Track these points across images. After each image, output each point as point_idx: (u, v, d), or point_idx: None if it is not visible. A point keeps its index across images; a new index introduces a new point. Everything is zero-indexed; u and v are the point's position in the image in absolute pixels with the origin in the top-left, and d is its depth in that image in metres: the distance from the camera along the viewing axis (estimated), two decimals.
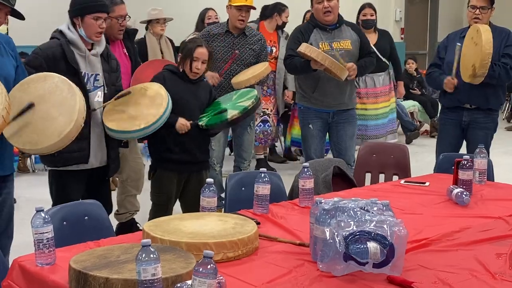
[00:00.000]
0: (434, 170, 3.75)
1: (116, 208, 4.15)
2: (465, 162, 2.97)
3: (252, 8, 4.59)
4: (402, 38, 11.51)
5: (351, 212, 2.06)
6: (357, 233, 1.96)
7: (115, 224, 4.03)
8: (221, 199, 3.88)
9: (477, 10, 4.09)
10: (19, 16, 2.96)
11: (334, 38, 4.36)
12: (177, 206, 3.75)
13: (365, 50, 4.49)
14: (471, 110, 4.22)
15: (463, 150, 4.38)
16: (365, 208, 2.10)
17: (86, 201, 2.70)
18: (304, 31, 4.41)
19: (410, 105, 8.38)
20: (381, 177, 4.04)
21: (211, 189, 2.53)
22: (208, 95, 3.71)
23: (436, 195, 3.01)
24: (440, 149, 4.29)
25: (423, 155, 6.85)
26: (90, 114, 3.16)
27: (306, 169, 2.80)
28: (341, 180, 3.56)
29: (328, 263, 1.97)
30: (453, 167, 3.06)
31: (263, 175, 2.67)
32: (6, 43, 2.92)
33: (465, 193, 2.86)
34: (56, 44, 3.16)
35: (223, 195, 3.59)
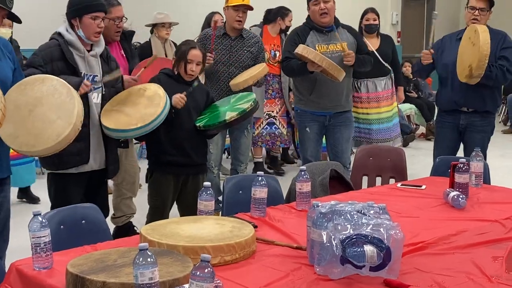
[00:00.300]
0: (430, 173, 3.75)
1: (112, 212, 4.15)
2: (462, 165, 2.97)
3: (249, 9, 4.58)
4: (398, 42, 11.53)
5: (348, 215, 2.06)
6: (354, 237, 1.96)
7: (112, 228, 4.03)
8: (219, 202, 3.88)
9: (477, 12, 4.09)
10: (16, 19, 2.96)
11: (330, 40, 4.37)
12: (174, 209, 3.75)
13: (361, 52, 4.50)
14: (468, 113, 4.23)
15: (460, 153, 4.39)
16: (362, 212, 2.10)
17: (83, 205, 2.69)
18: (300, 33, 4.42)
19: (407, 108, 8.38)
20: (378, 180, 4.04)
21: (208, 192, 2.53)
22: (205, 97, 3.71)
23: (433, 198, 3.02)
24: (437, 152, 4.30)
25: (419, 158, 6.86)
26: (89, 117, 3.16)
27: (303, 172, 2.80)
28: (338, 183, 3.57)
29: (325, 266, 1.98)
30: (449, 170, 3.07)
31: (260, 178, 2.67)
32: (3, 45, 2.91)
33: (461, 196, 2.86)
34: (55, 44, 3.16)
35: (220, 198, 3.59)
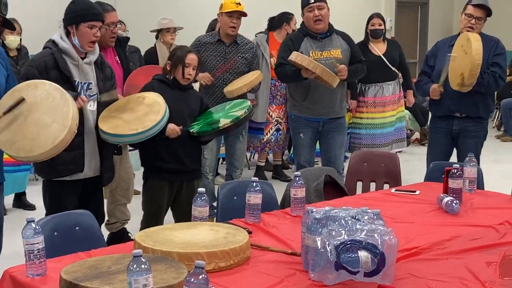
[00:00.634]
0: (424, 178, 3.76)
1: (106, 218, 4.14)
2: (455, 171, 2.98)
3: (243, 15, 4.60)
4: None
5: (342, 221, 2.06)
6: (348, 242, 1.96)
7: (106, 234, 4.02)
8: (213, 208, 3.88)
9: (473, 20, 4.08)
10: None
11: (324, 47, 4.39)
12: (169, 215, 3.75)
13: (356, 59, 4.51)
14: (461, 119, 4.24)
15: (454, 158, 4.40)
16: (356, 217, 2.10)
17: (77, 211, 2.68)
18: (294, 39, 4.44)
19: None
20: (372, 185, 4.05)
21: (203, 198, 2.53)
22: (199, 103, 3.71)
23: (427, 203, 3.03)
24: (430, 157, 4.31)
25: (413, 163, 6.88)
26: (84, 124, 3.15)
27: (297, 178, 2.80)
28: (333, 189, 3.57)
29: (319, 272, 1.98)
30: (443, 175, 3.08)
31: (254, 184, 2.67)
32: None
33: (455, 201, 2.87)
34: (48, 53, 3.15)
35: (215, 204, 3.58)
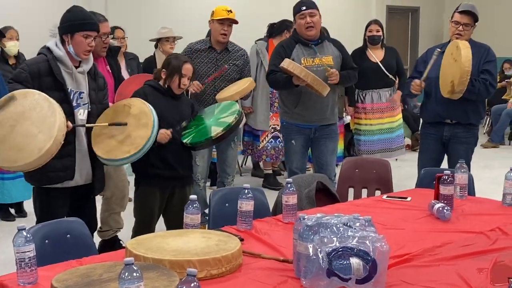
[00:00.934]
0: (416, 185, 3.77)
1: (99, 225, 4.12)
2: (446, 177, 2.99)
3: (234, 22, 4.61)
4: None
5: (334, 228, 2.07)
6: (340, 249, 1.97)
7: (97, 241, 4.00)
8: (205, 215, 3.87)
9: (461, 27, 4.11)
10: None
11: (316, 54, 4.40)
12: (160, 222, 3.74)
13: (347, 66, 4.52)
14: (451, 125, 4.26)
15: (445, 164, 4.42)
16: (348, 224, 2.11)
17: (68, 219, 2.67)
18: (286, 46, 4.44)
19: None
20: (364, 192, 4.06)
21: (194, 206, 2.52)
22: (190, 110, 3.72)
23: (418, 210, 3.03)
24: (421, 163, 4.32)
25: (405, 169, 6.90)
26: (75, 132, 3.14)
27: (289, 185, 2.81)
28: (324, 195, 3.57)
29: (311, 279, 1.98)
30: (434, 182, 3.09)
31: (246, 191, 2.67)
32: None
33: (446, 208, 2.88)
34: (43, 59, 3.14)
35: (206, 211, 3.58)
